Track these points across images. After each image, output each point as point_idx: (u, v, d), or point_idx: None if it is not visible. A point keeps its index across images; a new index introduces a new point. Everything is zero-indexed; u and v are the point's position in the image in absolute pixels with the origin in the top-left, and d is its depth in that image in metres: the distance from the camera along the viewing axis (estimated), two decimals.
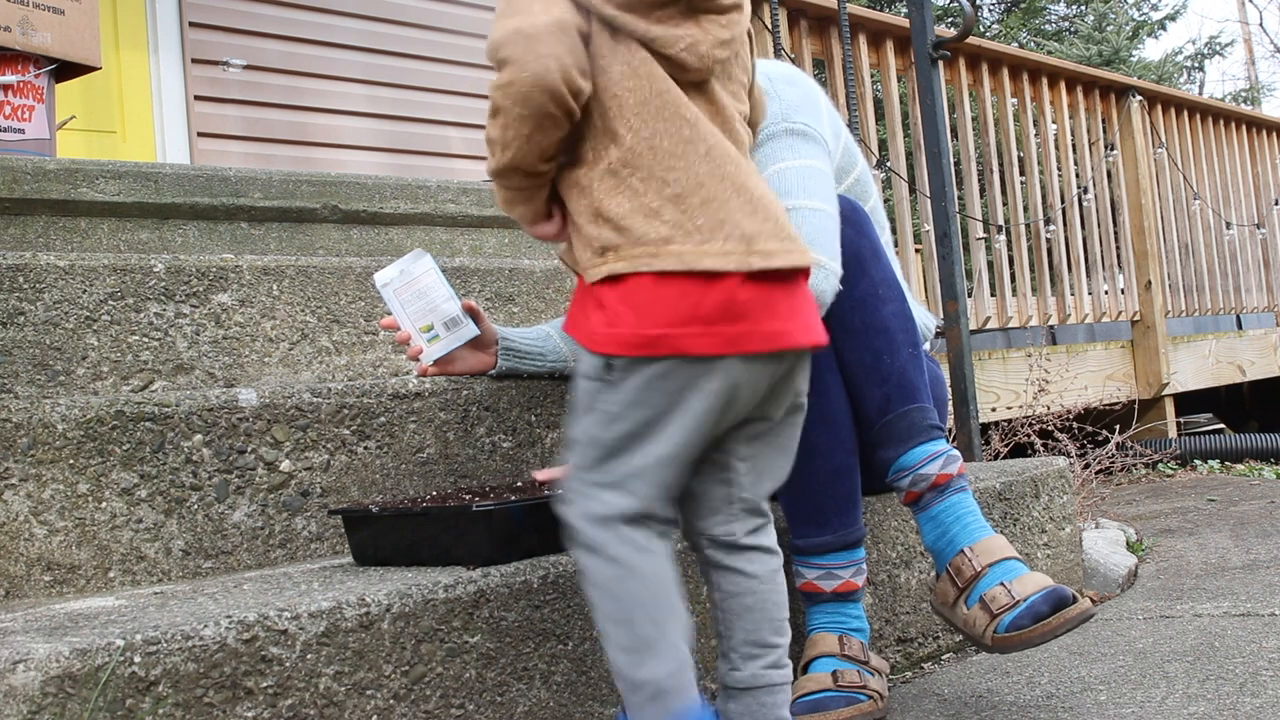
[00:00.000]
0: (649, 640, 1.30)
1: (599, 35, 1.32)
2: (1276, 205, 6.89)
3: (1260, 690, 1.73)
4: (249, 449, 1.85)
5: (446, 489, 2.02)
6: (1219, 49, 15.75)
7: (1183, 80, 15.79)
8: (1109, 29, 13.85)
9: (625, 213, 1.31)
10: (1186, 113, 6.10)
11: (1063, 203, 5.08)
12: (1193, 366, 5.76)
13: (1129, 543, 2.99)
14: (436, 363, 1.96)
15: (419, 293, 1.89)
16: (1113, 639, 2.12)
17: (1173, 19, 15.04)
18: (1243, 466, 4.89)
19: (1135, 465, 4.49)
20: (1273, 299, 6.74)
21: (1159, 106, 5.83)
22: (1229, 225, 6.31)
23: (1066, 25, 15.12)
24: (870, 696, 1.75)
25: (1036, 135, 5.06)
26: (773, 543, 1.46)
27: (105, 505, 1.72)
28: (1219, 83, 28.27)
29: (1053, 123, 5.21)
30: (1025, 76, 4.96)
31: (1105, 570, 2.61)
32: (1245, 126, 6.72)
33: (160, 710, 1.26)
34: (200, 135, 4.57)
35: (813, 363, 1.82)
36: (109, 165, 2.71)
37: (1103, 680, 1.86)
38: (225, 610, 1.38)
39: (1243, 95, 17.32)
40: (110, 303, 2.07)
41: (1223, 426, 7.35)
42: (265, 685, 1.34)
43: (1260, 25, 29.43)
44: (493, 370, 2.07)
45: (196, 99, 4.58)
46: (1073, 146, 5.33)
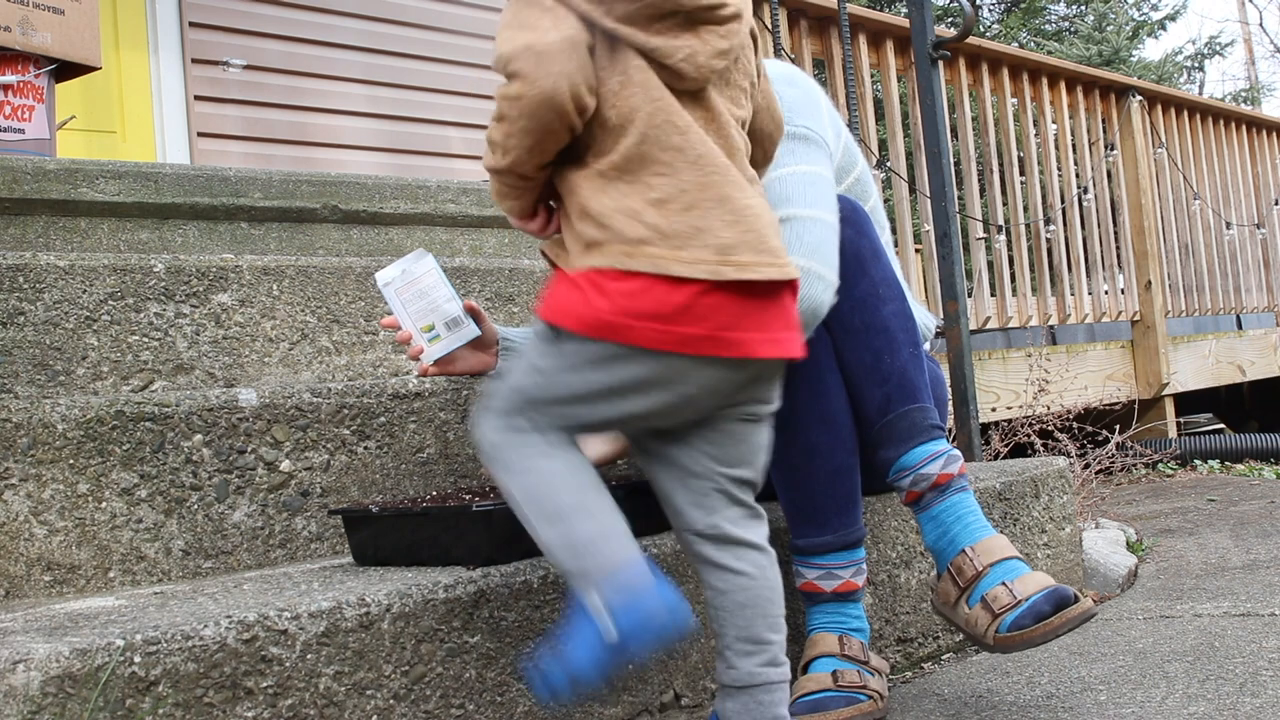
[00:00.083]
0: (569, 510, 1.34)
1: (600, 47, 1.35)
2: (1276, 205, 6.89)
3: (1260, 690, 1.73)
4: (249, 449, 1.85)
5: (446, 489, 2.02)
6: (1219, 49, 15.75)
7: (1183, 80, 15.79)
8: (1109, 29, 13.85)
9: (609, 211, 1.34)
10: (1186, 113, 6.10)
11: (1063, 203, 5.08)
12: (1193, 366, 5.76)
13: (1129, 543, 2.99)
14: (437, 363, 1.95)
15: (420, 292, 1.89)
16: (1113, 639, 2.12)
17: (1173, 19, 15.05)
18: (1243, 466, 4.89)
19: (1135, 465, 4.49)
20: (1273, 299, 6.74)
21: (1159, 106, 5.83)
22: (1229, 225, 6.32)
23: (1066, 25, 15.12)
24: (870, 696, 1.75)
25: (1036, 135, 5.06)
26: (762, 539, 1.46)
27: (105, 505, 1.72)
28: (1219, 83, 28.30)
29: (1053, 123, 5.21)
30: (1025, 76, 4.96)
31: (1105, 570, 2.61)
32: (1245, 126, 6.72)
33: (160, 710, 1.26)
34: (200, 135, 4.57)
35: (813, 363, 1.83)
36: (109, 165, 2.72)
37: (1103, 680, 1.86)
38: (225, 610, 1.38)
39: (1243, 95, 17.32)
40: (110, 303, 2.07)
41: (1223, 426, 7.35)
42: (265, 685, 1.34)
43: (1260, 25, 29.46)
44: (493, 370, 2.07)
45: (196, 99, 4.58)
46: (1073, 146, 5.33)
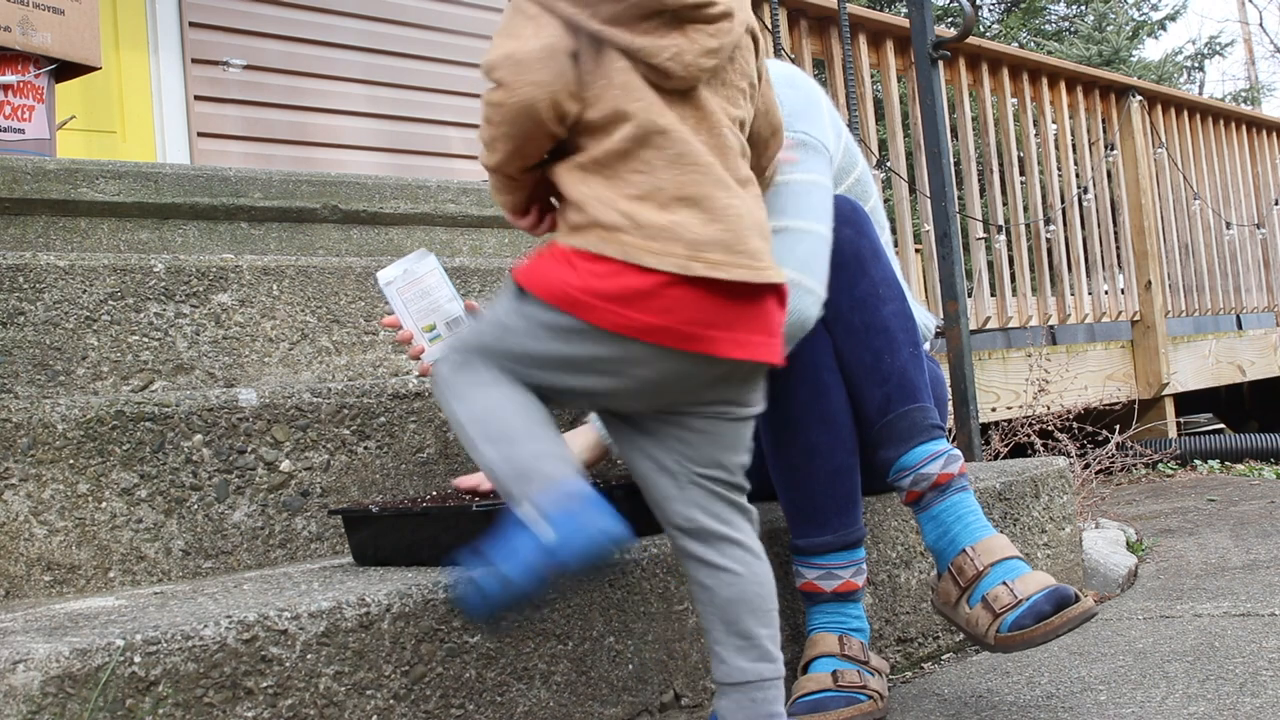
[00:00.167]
0: (514, 432, 1.35)
1: (585, 50, 1.35)
2: (1276, 205, 6.89)
3: (1260, 690, 1.73)
4: (249, 449, 1.85)
5: (446, 489, 2.02)
6: (1219, 49, 15.76)
7: (1183, 80, 15.80)
8: (1109, 29, 13.86)
9: (588, 198, 1.35)
10: (1186, 113, 6.10)
11: (1063, 203, 5.08)
12: (1193, 366, 5.76)
13: (1129, 543, 2.99)
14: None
15: (422, 292, 1.88)
16: (1113, 639, 2.12)
17: (1173, 19, 15.06)
18: (1243, 466, 4.89)
19: (1135, 465, 4.49)
20: (1273, 299, 6.74)
21: (1159, 106, 5.83)
22: (1229, 225, 6.32)
23: (1066, 25, 15.13)
24: (870, 696, 1.75)
25: (1036, 135, 5.06)
26: (746, 535, 1.45)
27: (105, 505, 1.72)
28: (1219, 83, 28.30)
29: (1053, 123, 5.21)
30: (1025, 76, 4.96)
31: (1105, 570, 2.61)
32: (1245, 126, 6.72)
33: (160, 710, 1.26)
34: (200, 135, 4.57)
35: (813, 363, 1.84)
36: (109, 165, 2.72)
37: (1103, 680, 1.86)
38: (225, 610, 1.38)
39: (1243, 95, 17.32)
40: (110, 303, 2.07)
41: (1223, 426, 7.35)
42: (265, 685, 1.34)
43: (1260, 25, 29.46)
44: None
45: (196, 99, 4.58)
46: (1073, 146, 5.33)
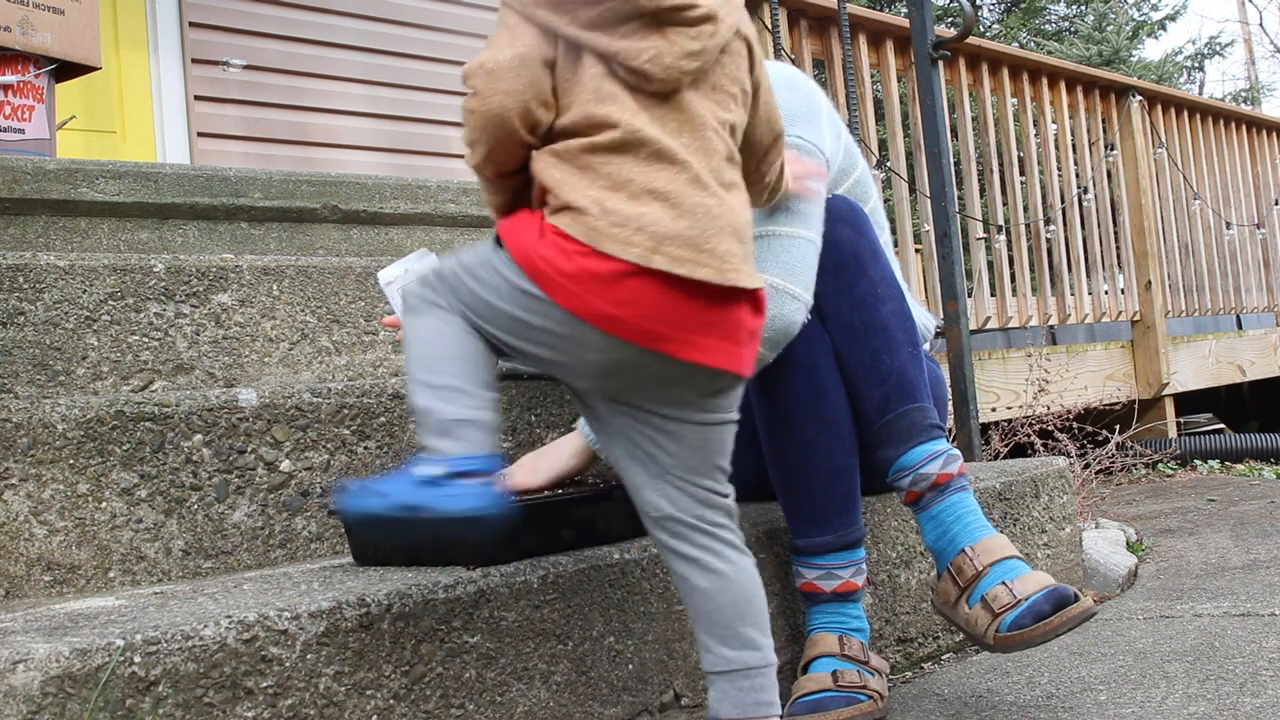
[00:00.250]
0: (450, 384, 1.39)
1: (563, 57, 1.35)
2: (1276, 205, 6.89)
3: (1260, 690, 1.73)
4: (249, 449, 1.85)
5: None
6: (1219, 49, 15.76)
7: (1183, 80, 15.80)
8: (1109, 29, 13.86)
9: (559, 182, 1.36)
10: (1186, 113, 6.10)
11: (1063, 203, 5.08)
12: (1193, 366, 5.76)
13: (1129, 543, 2.99)
14: None
15: None
16: (1113, 639, 2.12)
17: (1173, 19, 15.06)
18: (1243, 466, 4.89)
19: (1135, 465, 4.49)
20: (1273, 299, 6.74)
21: (1159, 106, 5.83)
22: (1229, 225, 6.31)
23: (1066, 25, 15.13)
24: (870, 696, 1.75)
25: (1036, 135, 5.06)
26: (726, 531, 1.44)
27: (105, 505, 1.72)
28: (1219, 83, 28.29)
29: (1053, 123, 5.21)
30: (1025, 76, 4.96)
31: (1105, 570, 2.61)
32: (1245, 126, 6.72)
33: (160, 710, 1.26)
34: (200, 135, 4.57)
35: (811, 363, 1.84)
36: (109, 165, 2.72)
37: (1103, 680, 1.86)
38: (225, 610, 1.38)
39: (1243, 95, 17.32)
40: (110, 303, 2.07)
41: (1223, 426, 7.35)
42: (265, 685, 1.34)
43: (1260, 25, 29.46)
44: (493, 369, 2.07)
45: (196, 99, 4.58)
46: (1073, 146, 5.33)
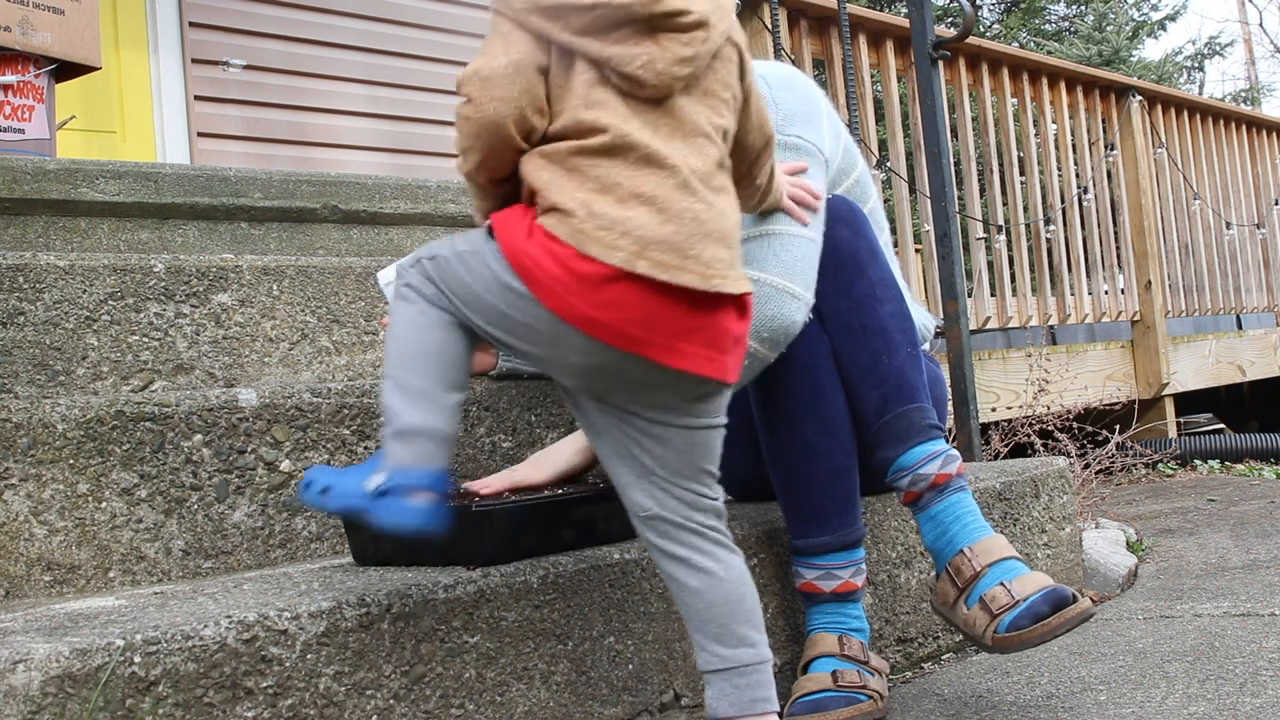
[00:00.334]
0: (419, 391, 1.38)
1: (556, 63, 1.36)
2: (1276, 205, 6.89)
3: (1260, 690, 1.73)
4: (249, 449, 1.85)
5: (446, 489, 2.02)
6: (1219, 49, 15.75)
7: (1183, 80, 15.79)
8: (1109, 29, 13.86)
9: (547, 184, 1.35)
10: (1186, 113, 6.10)
11: (1063, 203, 5.08)
12: (1193, 366, 5.76)
13: (1129, 543, 2.99)
14: None
15: None
16: (1113, 639, 2.12)
17: (1173, 19, 15.06)
18: (1243, 466, 4.89)
19: (1135, 465, 4.49)
20: (1273, 299, 6.74)
21: (1159, 106, 5.83)
22: (1229, 225, 6.32)
23: (1066, 25, 15.13)
24: (870, 696, 1.75)
25: (1036, 135, 5.06)
26: (714, 531, 1.44)
27: (105, 505, 1.72)
28: (1219, 83, 28.31)
29: (1053, 123, 5.21)
30: (1025, 76, 4.96)
31: (1105, 570, 2.61)
32: (1245, 126, 6.71)
33: (160, 710, 1.27)
34: (200, 135, 4.58)
35: (810, 363, 1.84)
36: (109, 165, 2.72)
37: (1103, 680, 1.86)
38: (225, 610, 1.38)
39: (1243, 95, 17.32)
40: (110, 303, 2.07)
41: (1223, 426, 7.35)
42: (265, 685, 1.34)
43: (1260, 25, 29.47)
44: (493, 370, 2.07)
45: (196, 99, 4.58)
46: (1073, 146, 5.33)
